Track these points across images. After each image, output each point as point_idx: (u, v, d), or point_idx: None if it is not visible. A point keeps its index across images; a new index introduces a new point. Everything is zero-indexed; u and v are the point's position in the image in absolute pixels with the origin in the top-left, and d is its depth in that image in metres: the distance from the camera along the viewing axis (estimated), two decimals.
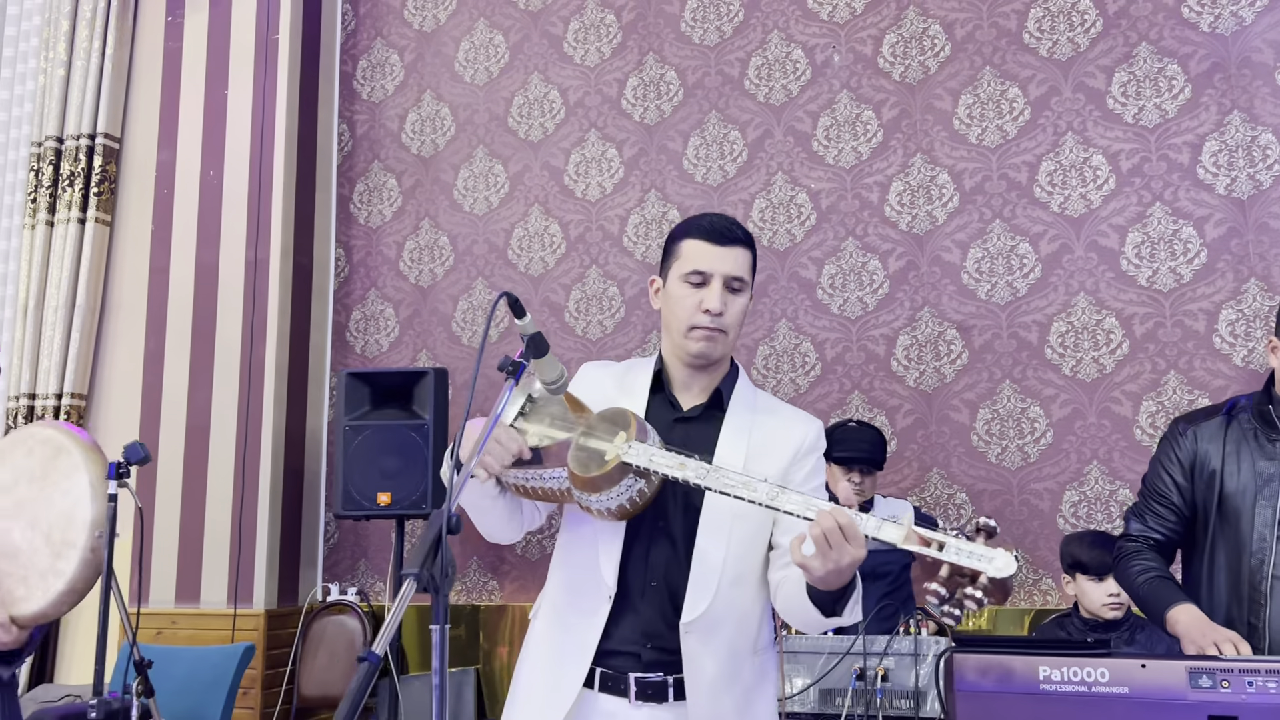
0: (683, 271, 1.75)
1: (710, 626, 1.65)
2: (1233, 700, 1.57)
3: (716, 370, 1.79)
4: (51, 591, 2.06)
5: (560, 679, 1.71)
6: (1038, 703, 1.66)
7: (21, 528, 2.07)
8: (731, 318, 1.73)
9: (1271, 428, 2.06)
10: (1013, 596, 3.72)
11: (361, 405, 4.08)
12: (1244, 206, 3.64)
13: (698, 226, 1.78)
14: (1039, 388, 3.78)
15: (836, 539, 1.42)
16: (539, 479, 1.68)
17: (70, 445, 2.14)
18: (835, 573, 1.45)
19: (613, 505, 1.60)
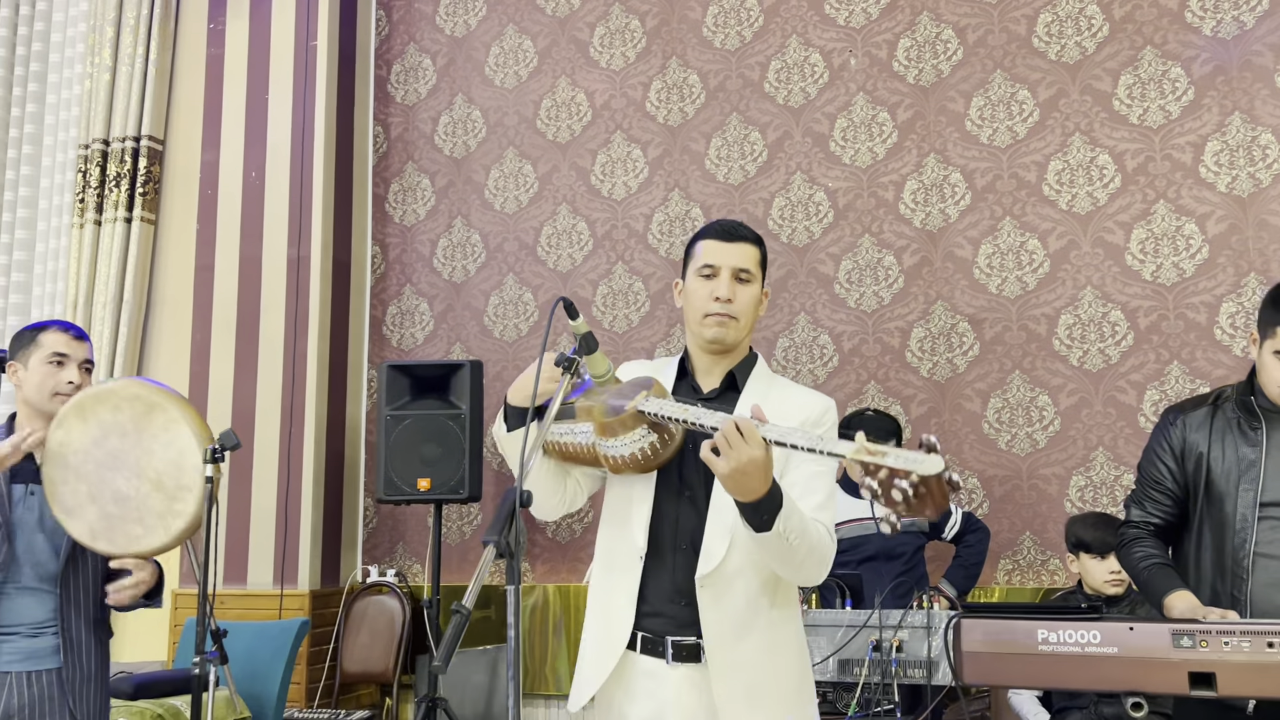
0: (697, 267, 1.96)
1: (726, 580, 1.82)
2: (1210, 658, 1.76)
3: (734, 356, 1.98)
4: (174, 529, 2.32)
5: (607, 641, 1.91)
6: (1036, 662, 1.85)
7: (125, 476, 2.29)
8: (741, 305, 1.92)
9: (1253, 416, 2.24)
10: (1023, 577, 3.91)
11: (401, 396, 4.30)
12: (1244, 204, 3.81)
13: (709, 228, 1.99)
14: (1047, 378, 3.95)
15: (735, 439, 1.58)
16: (572, 434, 1.89)
17: (164, 401, 2.35)
18: (739, 473, 1.59)
19: (625, 453, 1.79)
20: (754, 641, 1.81)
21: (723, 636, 1.80)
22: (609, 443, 1.82)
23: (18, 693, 2.34)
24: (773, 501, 1.65)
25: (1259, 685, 1.74)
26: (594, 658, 1.93)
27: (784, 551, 1.71)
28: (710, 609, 1.81)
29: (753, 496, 1.63)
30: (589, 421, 1.86)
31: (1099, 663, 1.81)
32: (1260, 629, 1.77)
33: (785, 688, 1.82)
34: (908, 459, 1.41)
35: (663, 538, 1.88)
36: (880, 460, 1.42)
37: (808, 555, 1.74)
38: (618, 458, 1.83)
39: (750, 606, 1.82)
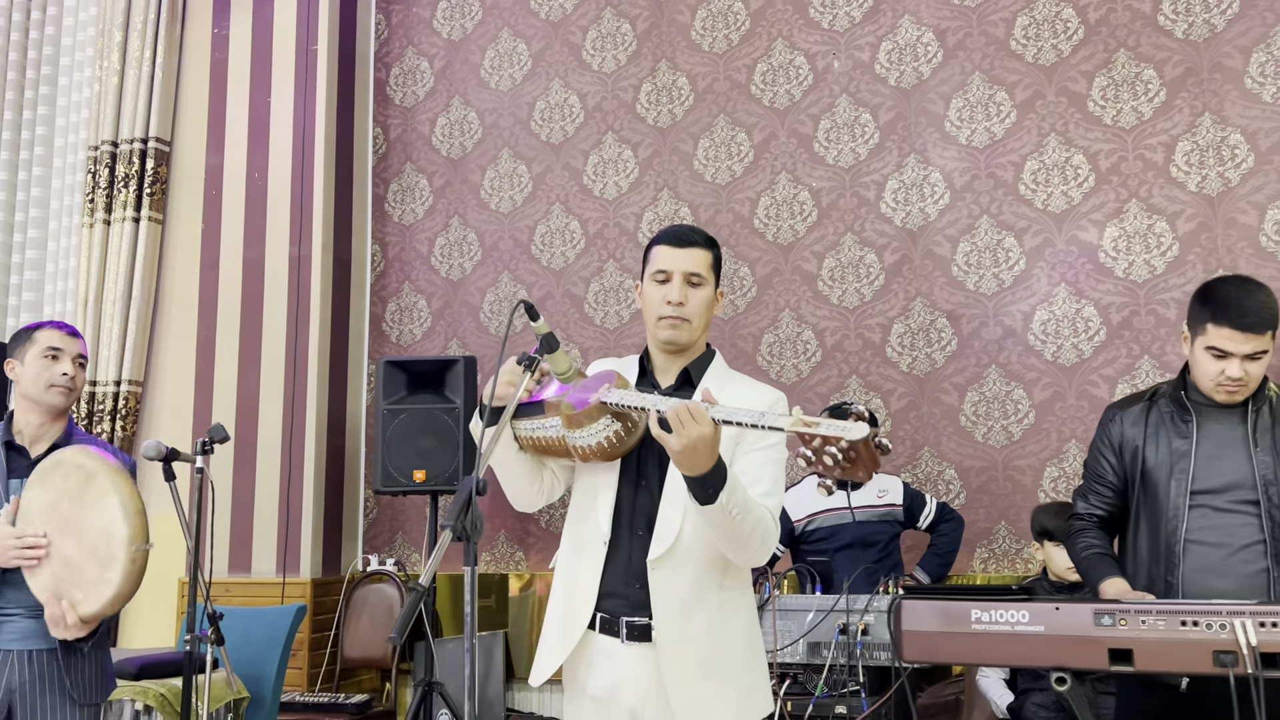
0: (651, 272, 2.08)
1: (675, 563, 1.94)
2: (1128, 635, 1.88)
3: (689, 354, 2.10)
4: (104, 597, 2.41)
5: (569, 621, 2.05)
6: (970, 640, 1.98)
7: (71, 542, 2.41)
8: (693, 307, 2.04)
9: (1185, 410, 2.36)
10: (999, 565, 4.02)
11: (398, 390, 4.45)
12: (1214, 203, 3.91)
13: (662, 234, 2.11)
14: (1022, 372, 4.07)
15: (685, 418, 1.72)
16: (543, 428, 2.02)
17: (98, 470, 2.43)
18: (689, 449, 1.72)
19: (592, 443, 1.92)
20: (701, 620, 1.94)
21: (671, 615, 1.93)
22: (576, 433, 1.95)
23: (19, 670, 2.49)
24: (718, 476, 1.79)
25: (1173, 661, 1.86)
26: (557, 637, 2.06)
27: (728, 526, 1.83)
28: (660, 589, 1.94)
29: (700, 471, 1.77)
30: (557, 415, 2.00)
31: (1027, 640, 1.94)
32: (1174, 609, 1.89)
33: (732, 663, 1.95)
34: (838, 427, 1.55)
35: (622, 524, 2.01)
36: (814, 430, 1.56)
37: (750, 533, 1.86)
38: (585, 447, 1.96)
39: (698, 587, 1.95)
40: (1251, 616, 1.83)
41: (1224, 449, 2.29)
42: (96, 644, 2.64)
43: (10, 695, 2.49)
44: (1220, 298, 2.29)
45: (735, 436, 1.98)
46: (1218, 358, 2.27)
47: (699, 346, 2.11)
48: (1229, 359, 2.25)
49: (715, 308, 2.11)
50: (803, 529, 3.72)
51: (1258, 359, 2.25)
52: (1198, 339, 2.32)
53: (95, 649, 2.63)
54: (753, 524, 1.85)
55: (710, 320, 2.11)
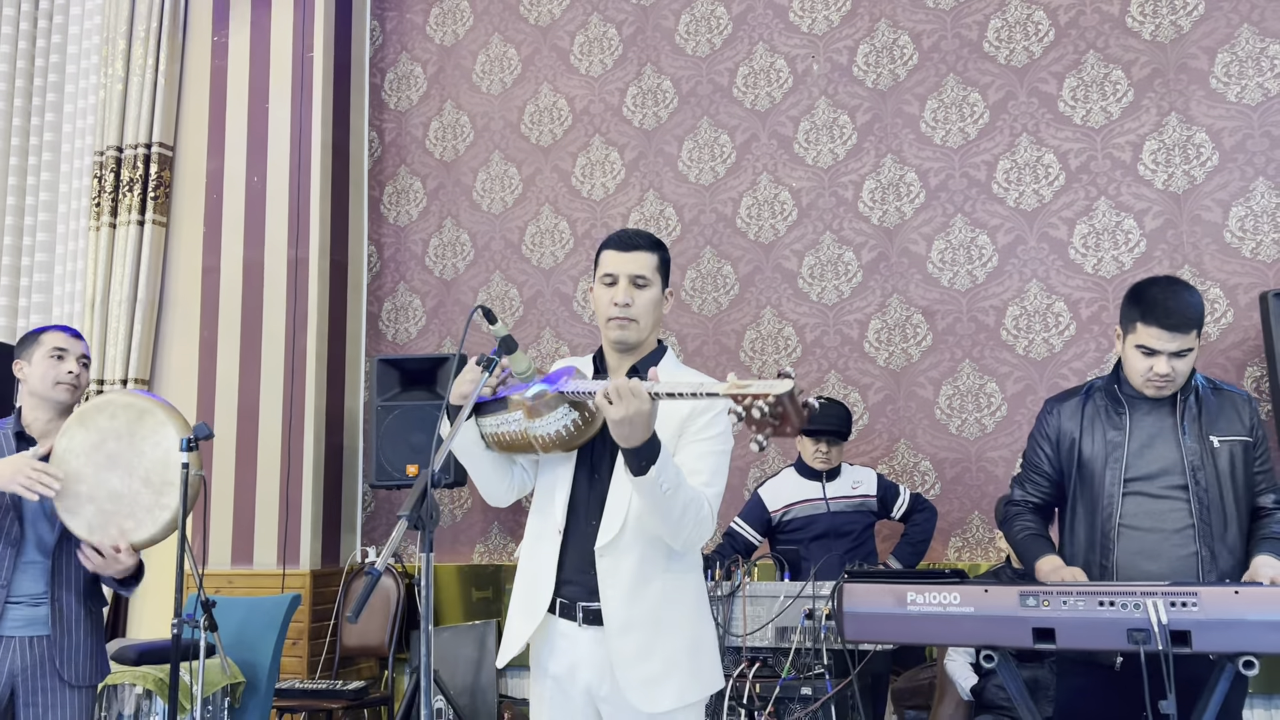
0: (600, 274, 2.21)
1: (620, 550, 2.07)
2: (1051, 615, 2.01)
3: (639, 352, 2.21)
4: (160, 521, 2.61)
5: (531, 605, 2.18)
6: (906, 621, 2.11)
7: (119, 476, 2.60)
8: (640, 308, 2.16)
9: (1118, 403, 2.48)
10: (972, 553, 4.15)
11: (392, 387, 4.60)
12: (1179, 200, 4.02)
13: (609, 240, 2.22)
14: (995, 366, 4.19)
15: (625, 392, 1.85)
16: (505, 423, 2.14)
17: (153, 407, 2.66)
18: (626, 421, 1.85)
19: (551, 431, 2.04)
20: (647, 604, 2.06)
21: (619, 599, 2.05)
22: (536, 424, 2.08)
23: (20, 655, 2.65)
24: (651, 449, 1.92)
25: (1092, 639, 1.99)
26: (520, 620, 2.20)
27: (659, 500, 1.96)
28: (609, 573, 2.07)
29: (635, 443, 1.90)
30: (519, 410, 2.12)
31: (959, 621, 2.06)
32: (1093, 590, 2.01)
33: (677, 645, 2.07)
34: (766, 385, 1.70)
35: (577, 513, 2.15)
36: (744, 390, 1.70)
37: (682, 513, 1.98)
38: (544, 436, 2.08)
39: (644, 571, 2.07)
40: (1163, 597, 1.96)
41: (1155, 438, 2.41)
42: (93, 628, 2.79)
43: (13, 679, 2.64)
44: (1149, 299, 2.40)
45: (678, 428, 2.11)
46: (1146, 355, 2.39)
47: (649, 344, 2.23)
48: (1157, 356, 2.37)
49: (664, 306, 2.23)
50: (779, 519, 3.85)
51: (1183, 356, 2.37)
52: (1129, 337, 2.44)
53: (89, 632, 2.78)
54: (683, 504, 1.98)
55: (659, 319, 2.23)
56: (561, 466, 2.19)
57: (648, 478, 1.92)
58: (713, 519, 2.06)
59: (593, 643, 2.10)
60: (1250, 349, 3.84)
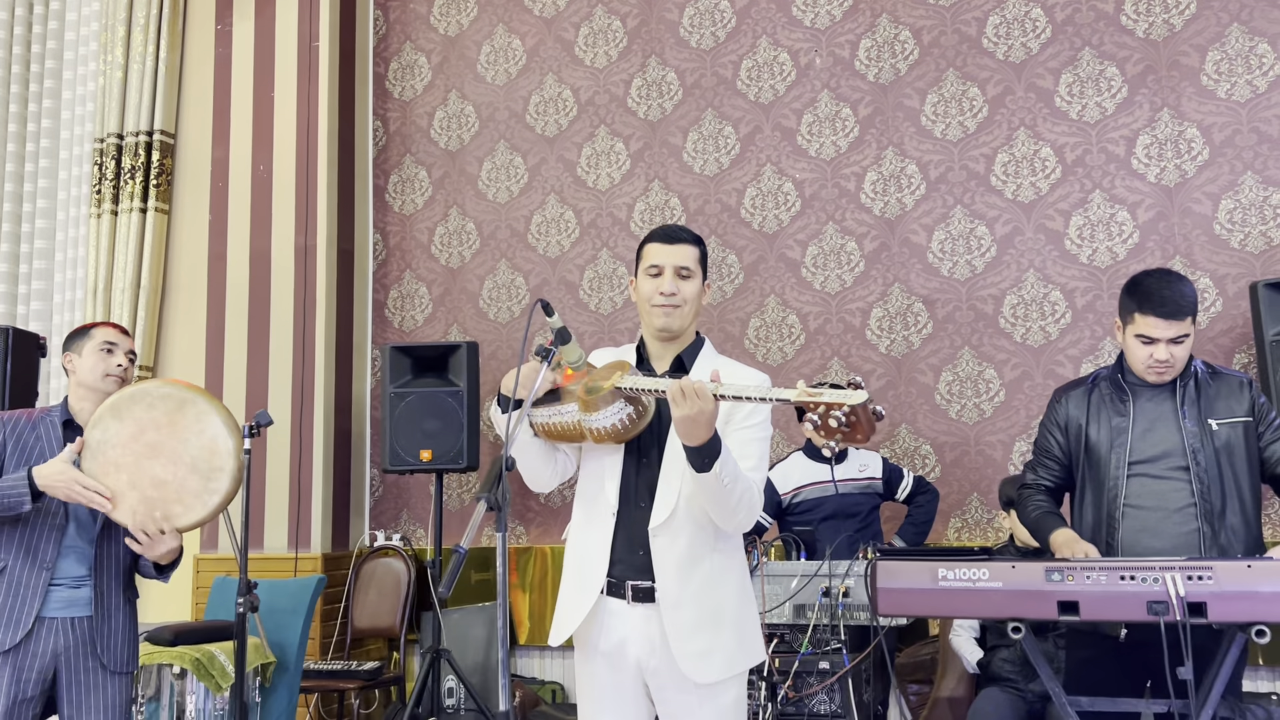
0: (645, 266, 2.32)
1: (673, 531, 2.18)
2: (1075, 589, 2.15)
3: (681, 342, 2.33)
4: (209, 505, 2.69)
5: (583, 587, 2.29)
6: (937, 595, 2.24)
7: (162, 465, 2.67)
8: (684, 296, 2.28)
9: (1122, 391, 2.64)
10: (971, 534, 4.30)
11: (404, 374, 4.68)
12: (1171, 193, 4.17)
13: (654, 234, 2.34)
14: (993, 353, 4.33)
15: (690, 391, 1.96)
16: (558, 415, 2.24)
17: (194, 396, 2.72)
18: (690, 421, 1.96)
19: (607, 425, 2.14)
20: (698, 580, 2.18)
21: (672, 576, 2.17)
22: (592, 417, 2.18)
23: (63, 635, 2.73)
24: (714, 447, 2.04)
25: (1113, 610, 2.13)
26: (572, 601, 2.30)
27: (719, 493, 2.08)
28: (662, 553, 2.18)
29: (698, 441, 2.02)
30: (573, 402, 2.23)
31: (987, 595, 2.20)
32: (1114, 565, 2.15)
33: (726, 617, 2.19)
34: (839, 394, 1.81)
35: (628, 498, 2.26)
36: (818, 399, 1.81)
37: (739, 500, 2.11)
38: (600, 429, 2.18)
39: (695, 551, 2.19)
40: (1180, 571, 2.10)
41: (1157, 423, 2.57)
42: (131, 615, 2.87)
43: (56, 660, 2.72)
44: (1145, 290, 2.56)
45: (725, 415, 2.22)
46: (1146, 343, 2.55)
47: (689, 334, 2.35)
48: (1156, 344, 2.54)
49: (703, 297, 2.35)
50: (789, 501, 3.98)
51: (1180, 342, 2.53)
52: (1128, 327, 2.59)
53: (127, 620, 2.86)
54: (740, 492, 2.10)
55: (699, 309, 2.35)
56: (610, 455, 2.30)
57: (711, 474, 2.04)
58: (760, 502, 2.18)
59: (642, 619, 2.21)
60: (1238, 336, 4.00)
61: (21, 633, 2.64)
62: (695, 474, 2.06)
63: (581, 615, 2.27)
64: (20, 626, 2.65)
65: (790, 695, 3.20)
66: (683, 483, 2.17)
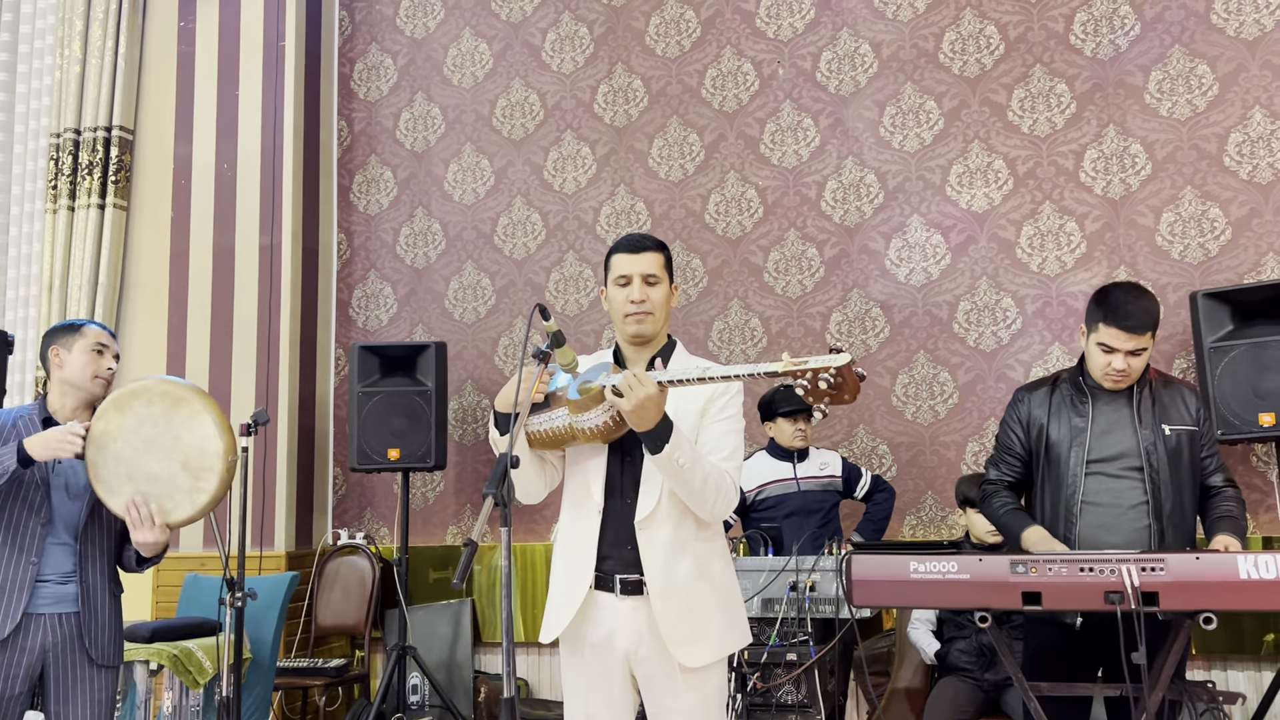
0: (613, 277, 2.42)
1: (657, 523, 2.28)
2: (1038, 580, 2.29)
3: (654, 345, 2.44)
4: (198, 504, 2.72)
5: (574, 583, 2.37)
6: (908, 586, 2.37)
7: (157, 459, 2.70)
8: (653, 303, 2.38)
9: (1082, 393, 2.81)
10: (926, 530, 4.46)
11: (372, 374, 4.71)
12: (1117, 206, 4.37)
13: (619, 244, 2.44)
14: (947, 357, 4.50)
15: (634, 383, 2.10)
16: (550, 420, 2.33)
17: (186, 395, 2.76)
18: (639, 409, 2.10)
19: (598, 423, 2.24)
20: (684, 570, 2.29)
21: (659, 567, 2.27)
22: (582, 417, 2.27)
23: (51, 631, 2.75)
24: (664, 429, 2.17)
25: (1073, 600, 2.28)
26: (563, 597, 2.38)
27: (678, 475, 2.19)
28: (647, 545, 2.28)
29: (647, 426, 2.15)
30: (563, 406, 2.31)
31: (955, 586, 2.33)
32: (1075, 558, 2.30)
33: (713, 602, 2.30)
34: (825, 360, 1.97)
35: (613, 494, 2.35)
36: (804, 366, 1.96)
37: (704, 485, 2.22)
38: (590, 428, 2.28)
39: (678, 541, 2.29)
40: (1135, 563, 2.25)
41: (1114, 425, 2.74)
42: (116, 610, 2.89)
43: (44, 655, 2.74)
44: (1111, 302, 2.72)
45: (699, 409, 2.34)
46: (1106, 352, 2.72)
47: (662, 338, 2.46)
48: (1115, 354, 2.70)
49: (671, 301, 2.46)
50: (753, 498, 4.11)
51: (1138, 355, 2.70)
52: (1091, 335, 2.76)
53: (113, 613, 2.88)
54: (703, 477, 2.22)
55: (669, 313, 2.46)
56: (594, 453, 2.39)
57: (663, 455, 2.17)
58: (735, 491, 2.29)
59: (630, 611, 2.30)
60: (1178, 343, 4.22)
61: (9, 628, 2.66)
62: (651, 457, 2.19)
63: (573, 611, 2.35)
64: (9, 619, 2.66)
65: (759, 686, 3.32)
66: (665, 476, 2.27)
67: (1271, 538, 3.98)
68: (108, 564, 2.88)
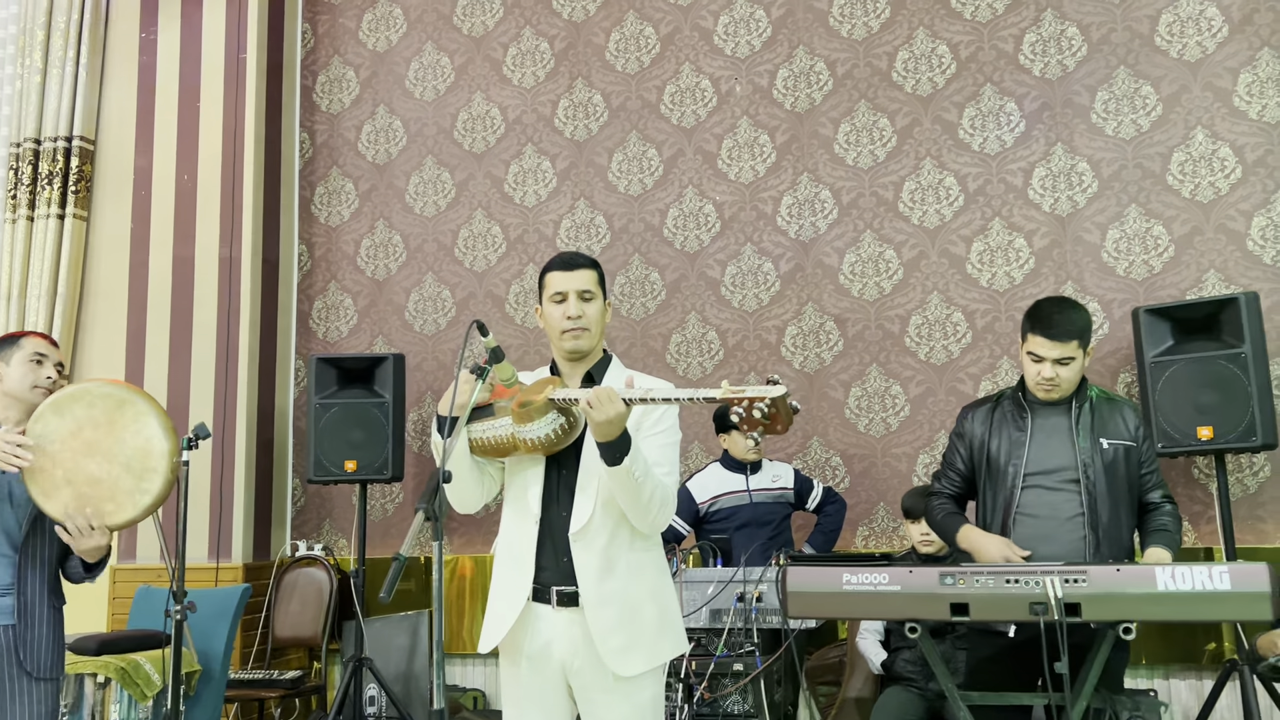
0: (548, 294, 2.47)
1: (591, 534, 2.33)
2: (965, 591, 2.35)
3: (590, 360, 2.49)
4: (140, 505, 2.72)
5: (512, 594, 2.40)
6: (841, 598, 2.42)
7: (98, 462, 2.71)
8: (589, 318, 2.43)
9: (1022, 409, 2.89)
10: (878, 541, 4.52)
11: (329, 385, 4.73)
12: (1064, 222, 4.46)
13: (553, 262, 2.49)
14: (900, 370, 4.57)
15: (604, 396, 2.15)
16: (493, 429, 2.36)
17: (130, 397, 2.77)
18: (607, 422, 2.15)
19: (540, 435, 2.28)
20: (617, 580, 2.33)
21: (592, 578, 2.31)
22: (525, 428, 2.30)
23: None
24: (625, 443, 2.21)
25: (1000, 611, 2.34)
26: (501, 609, 2.42)
27: (631, 488, 2.24)
28: (582, 557, 2.32)
29: (611, 438, 2.19)
30: (507, 415, 2.35)
31: (887, 598, 2.38)
32: (1000, 570, 2.36)
33: (646, 612, 2.34)
34: (760, 390, 2.03)
35: (549, 506, 2.39)
36: (742, 394, 2.02)
37: (651, 497, 2.27)
38: (533, 439, 2.31)
39: (612, 552, 2.34)
40: (1059, 574, 2.32)
41: (1052, 439, 2.82)
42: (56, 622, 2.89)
43: None
44: (1040, 313, 2.82)
45: (634, 423, 2.38)
46: (1035, 361, 2.81)
47: (597, 352, 2.50)
48: (1044, 362, 2.79)
49: (605, 317, 2.50)
50: (706, 510, 4.15)
51: (1066, 364, 2.78)
52: (1024, 345, 2.84)
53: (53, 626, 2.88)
54: (651, 490, 2.27)
55: (604, 328, 2.50)
56: (532, 466, 2.43)
57: (622, 468, 2.20)
58: (673, 503, 2.34)
59: (567, 623, 2.34)
60: (1123, 358, 4.31)
61: None
62: (608, 469, 2.22)
63: (510, 622, 2.39)
64: None
65: (706, 696, 3.36)
66: (599, 489, 2.32)
67: (1213, 548, 4.07)
68: (49, 576, 2.88)
